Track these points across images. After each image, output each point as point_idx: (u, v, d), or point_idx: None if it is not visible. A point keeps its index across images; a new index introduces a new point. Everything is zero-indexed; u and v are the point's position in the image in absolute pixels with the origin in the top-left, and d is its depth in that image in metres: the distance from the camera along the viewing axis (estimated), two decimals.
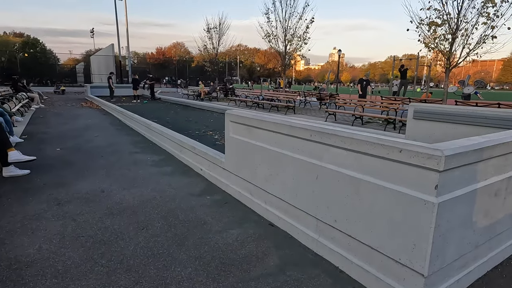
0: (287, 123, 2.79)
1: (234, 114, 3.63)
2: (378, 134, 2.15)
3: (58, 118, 10.12)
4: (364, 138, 2.12)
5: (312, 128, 2.54)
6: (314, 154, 2.56)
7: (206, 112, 13.26)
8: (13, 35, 71.77)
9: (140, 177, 4.43)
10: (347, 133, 2.25)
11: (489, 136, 2.26)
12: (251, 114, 3.35)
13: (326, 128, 2.44)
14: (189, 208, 3.44)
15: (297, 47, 15.54)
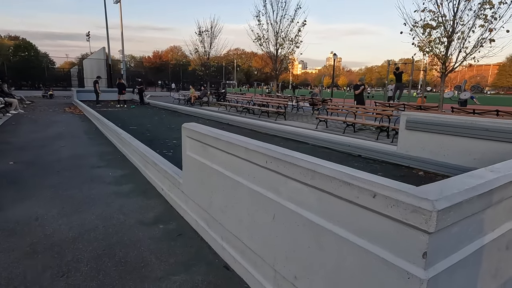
0: (243, 144, 2.22)
1: (190, 128, 3.05)
2: (348, 169, 1.58)
3: (31, 126, 9.50)
4: (329, 172, 1.55)
5: (268, 153, 1.96)
6: (271, 187, 1.99)
7: (192, 118, 12.67)
8: (8, 38, 71.08)
9: (90, 199, 3.83)
10: (309, 163, 1.68)
11: (498, 168, 1.69)
12: (206, 130, 2.78)
13: (285, 154, 1.87)
14: (133, 242, 2.85)
15: (288, 50, 15.03)
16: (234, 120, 10.56)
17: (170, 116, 13.20)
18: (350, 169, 1.57)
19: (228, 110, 16.25)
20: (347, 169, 1.58)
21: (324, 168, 1.58)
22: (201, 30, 20.10)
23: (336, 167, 1.60)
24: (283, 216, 1.88)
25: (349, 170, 1.54)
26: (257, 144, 2.12)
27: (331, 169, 1.55)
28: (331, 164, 1.68)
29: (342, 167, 1.63)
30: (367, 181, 1.38)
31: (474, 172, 1.57)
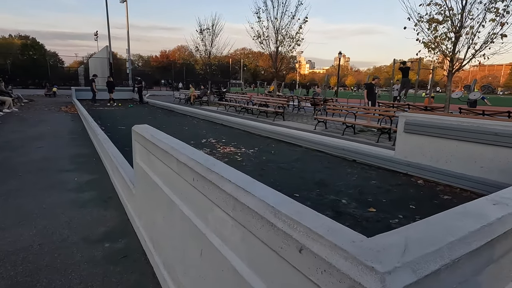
0: (175, 154, 1.74)
1: (137, 131, 2.58)
2: (278, 197, 1.09)
3: (17, 125, 9.19)
4: (251, 202, 1.06)
5: (195, 168, 1.48)
6: (200, 212, 1.51)
7: (187, 118, 12.26)
8: (19, 38, 71.91)
9: (40, 209, 3.40)
10: (233, 186, 1.19)
11: (507, 196, 1.17)
12: (149, 133, 2.30)
13: (211, 170, 1.38)
14: (65, 266, 2.40)
15: (289, 48, 14.49)
16: (228, 121, 10.09)
17: (165, 116, 12.80)
18: (281, 197, 1.09)
19: (227, 109, 15.80)
20: (278, 196, 1.10)
21: (247, 196, 1.10)
22: (202, 28, 19.71)
23: (266, 193, 1.11)
24: (209, 254, 1.40)
25: (278, 199, 1.06)
26: (188, 154, 1.64)
27: (254, 198, 1.07)
28: (263, 188, 1.19)
29: (274, 192, 1.14)
30: (295, 222, 0.89)
31: (468, 206, 1.07)
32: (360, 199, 3.93)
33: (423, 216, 3.42)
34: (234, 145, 6.99)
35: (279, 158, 5.90)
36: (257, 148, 6.77)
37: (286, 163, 5.53)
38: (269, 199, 1.05)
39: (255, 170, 5.09)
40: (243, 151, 6.39)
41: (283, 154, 6.33)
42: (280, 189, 4.04)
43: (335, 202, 3.80)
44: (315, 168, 5.31)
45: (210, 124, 10.51)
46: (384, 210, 3.59)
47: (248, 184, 1.18)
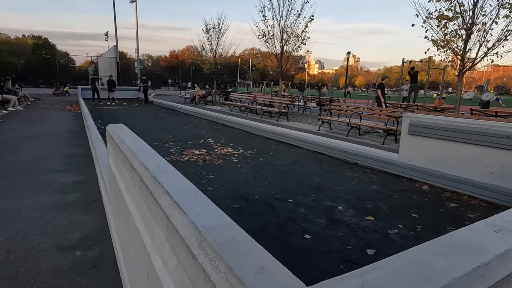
0: (130, 157, 1.53)
1: (109, 131, 2.39)
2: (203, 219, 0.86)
3: (17, 124, 9.16)
4: (181, 222, 0.84)
5: (143, 175, 1.26)
6: (147, 228, 1.29)
7: (189, 117, 12.11)
8: (32, 38, 73.17)
9: (18, 212, 3.25)
10: (168, 199, 0.97)
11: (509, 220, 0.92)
12: (116, 134, 2.10)
13: (155, 179, 1.16)
14: (28, 277, 2.22)
15: (294, 47, 14.21)
16: (229, 121, 9.89)
17: (167, 115, 12.68)
18: (218, 217, 0.86)
19: (231, 109, 15.61)
20: (215, 215, 0.87)
21: (179, 214, 0.88)
22: (208, 27, 19.59)
23: (201, 210, 0.89)
24: (152, 277, 1.18)
25: (213, 219, 0.84)
26: (141, 158, 1.42)
27: (185, 218, 0.84)
28: (202, 203, 0.97)
29: (213, 210, 0.92)
30: (218, 256, 0.67)
31: (459, 234, 0.82)
32: (358, 205, 3.66)
33: (426, 227, 3.12)
34: (232, 146, 6.78)
35: (277, 160, 5.66)
36: (256, 149, 6.54)
37: (283, 166, 5.29)
38: (202, 219, 0.83)
39: (250, 172, 4.86)
40: (240, 152, 6.17)
41: (282, 155, 6.08)
42: (274, 193, 3.82)
43: (331, 208, 3.54)
44: (314, 171, 5.05)
45: (212, 124, 10.33)
46: (383, 218, 3.32)
47: (184, 199, 0.96)
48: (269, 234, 2.90)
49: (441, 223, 3.24)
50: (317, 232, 2.96)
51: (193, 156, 5.75)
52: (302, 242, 2.76)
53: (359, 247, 2.70)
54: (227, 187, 4.14)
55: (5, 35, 61.07)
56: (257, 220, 3.20)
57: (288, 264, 0.66)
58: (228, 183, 4.33)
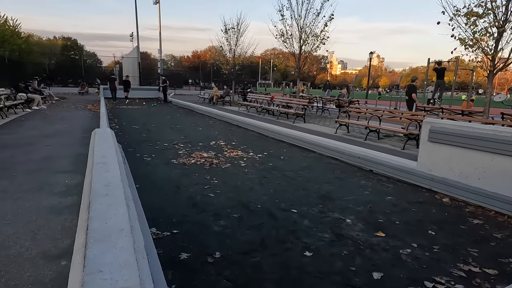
0: (89, 168, 1.36)
1: (92, 136, 2.24)
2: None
3: (37, 122, 9.41)
4: (74, 274, 0.64)
5: (85, 196, 1.08)
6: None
7: (205, 118, 12.05)
8: (62, 39, 76.39)
9: (13, 215, 3.20)
10: None
11: None
12: (93, 141, 1.94)
13: (90, 202, 0.97)
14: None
15: (313, 47, 13.83)
16: (243, 122, 9.72)
17: (182, 116, 12.70)
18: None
19: (248, 110, 15.45)
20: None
21: (78, 264, 0.68)
22: (227, 27, 19.54)
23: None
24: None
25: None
26: (97, 173, 1.24)
27: (78, 269, 0.64)
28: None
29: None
30: None
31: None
32: (369, 219, 3.36)
33: (444, 247, 2.74)
34: (243, 148, 6.59)
35: (287, 165, 5.42)
36: (267, 152, 6.32)
37: (293, 171, 5.04)
38: (96, 280, 0.62)
39: (257, 178, 4.65)
40: (250, 156, 5.97)
41: (293, 160, 5.83)
42: (278, 202, 3.59)
43: (338, 221, 3.27)
44: (324, 178, 4.77)
45: (226, 125, 10.20)
46: (396, 235, 3.01)
47: (99, 241, 0.76)
48: (265, 250, 2.67)
49: (462, 243, 2.90)
50: (320, 249, 2.71)
51: (201, 158, 5.60)
52: (301, 261, 2.52)
53: (364, 269, 2.42)
54: (229, 193, 3.95)
55: (38, 36, 64.02)
56: (256, 232, 2.98)
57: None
58: (232, 189, 4.14)
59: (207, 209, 3.47)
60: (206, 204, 3.60)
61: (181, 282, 2.21)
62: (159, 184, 4.27)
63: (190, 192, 3.96)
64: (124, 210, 0.96)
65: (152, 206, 3.52)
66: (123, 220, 0.90)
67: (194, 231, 2.97)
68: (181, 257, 2.52)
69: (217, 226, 3.09)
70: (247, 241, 2.82)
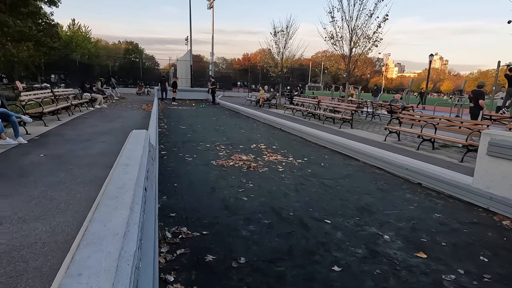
0: (113, 167, 1.42)
1: (129, 136, 2.37)
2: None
3: (97, 120, 10.31)
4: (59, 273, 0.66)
5: (101, 193, 1.13)
6: None
7: (249, 120, 12.18)
8: (125, 44, 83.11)
9: (66, 205, 3.52)
10: None
11: None
12: (127, 140, 2.05)
13: (99, 201, 1.01)
14: (48, 273, 2.33)
15: (365, 49, 13.24)
16: (286, 126, 9.63)
17: (228, 118, 12.98)
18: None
19: (293, 114, 15.31)
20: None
21: (66, 263, 0.69)
22: (276, 30, 19.59)
23: None
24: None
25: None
26: (116, 174, 1.30)
27: (63, 268, 0.66)
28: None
29: None
30: None
31: None
32: (410, 237, 3.09)
33: (497, 277, 2.44)
34: (283, 153, 6.52)
35: (326, 172, 5.23)
36: (307, 158, 6.18)
37: (332, 179, 4.85)
38: (73, 282, 0.63)
39: (293, 184, 4.55)
40: (289, 161, 5.88)
41: (333, 167, 5.62)
42: (311, 211, 3.48)
43: (374, 237, 3.05)
44: (365, 188, 4.51)
45: (269, 128, 10.20)
46: (440, 258, 2.72)
47: (91, 244, 0.77)
48: (292, 260, 2.59)
49: None
50: (350, 264, 2.55)
51: (240, 161, 5.66)
52: (328, 276, 2.39)
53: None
54: (263, 198, 3.92)
55: (105, 41, 70.37)
56: (284, 240, 2.90)
57: None
58: (266, 194, 4.10)
59: (238, 213, 3.48)
60: (238, 208, 3.61)
61: (203, 284, 2.23)
62: (196, 184, 4.39)
63: (224, 194, 4.01)
64: (126, 214, 0.98)
65: (186, 206, 3.63)
66: (121, 224, 0.91)
67: (223, 234, 2.99)
68: (207, 259, 2.54)
69: (246, 230, 3.07)
70: (274, 249, 2.76)
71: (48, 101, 10.98)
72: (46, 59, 31.78)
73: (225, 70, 76.88)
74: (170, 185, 4.34)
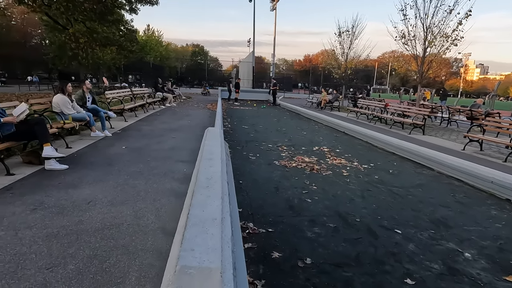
0: (198, 161, 1.55)
1: (205, 133, 2.54)
2: None
3: (167, 117, 11.15)
4: (172, 250, 0.75)
5: (191, 184, 1.24)
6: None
7: (310, 122, 12.03)
8: (192, 46, 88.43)
9: (145, 192, 3.88)
10: None
11: None
12: (205, 136, 2.19)
13: (194, 190, 1.11)
14: (134, 251, 2.60)
15: (442, 49, 12.14)
16: (351, 129, 9.30)
17: (288, 119, 12.99)
18: None
19: (357, 117, 14.71)
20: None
21: (176, 241, 0.78)
22: (340, 30, 19.05)
23: None
24: None
25: None
26: (202, 166, 1.41)
27: (176, 244, 0.74)
28: None
29: None
30: None
31: None
32: (497, 257, 2.77)
33: None
34: (347, 157, 6.32)
35: (395, 180, 4.94)
36: (373, 164, 5.90)
37: (402, 188, 4.56)
38: (188, 256, 0.71)
39: (359, 190, 4.39)
40: (354, 166, 5.68)
41: (403, 175, 5.28)
42: (380, 219, 3.35)
43: (453, 253, 2.80)
44: (441, 200, 4.15)
45: (331, 131, 9.96)
46: None
47: (195, 225, 0.86)
48: (360, 267, 2.51)
49: None
50: (425, 279, 2.38)
51: (302, 163, 5.64)
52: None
53: None
54: (327, 202, 3.86)
55: (175, 44, 75.65)
56: (351, 246, 2.83)
57: None
58: (331, 198, 4.02)
59: (302, 214, 3.48)
60: (303, 209, 3.61)
61: (270, 279, 2.29)
62: (260, 183, 4.50)
63: (288, 195, 4.04)
64: (219, 202, 1.06)
65: (252, 203, 3.74)
66: (216, 211, 1.00)
67: (288, 233, 3.02)
68: (273, 255, 2.60)
69: (311, 232, 3.06)
70: (340, 254, 2.71)
71: (127, 99, 12.24)
72: (126, 61, 35.38)
73: (286, 71, 77.09)
74: (235, 182, 4.51)
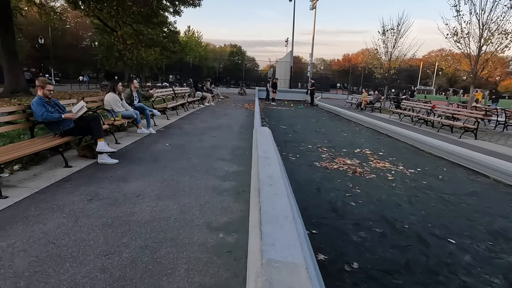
0: (255, 161, 1.57)
1: (254, 134, 2.56)
2: None
3: (207, 116, 11.43)
4: (252, 246, 0.76)
5: (254, 182, 1.25)
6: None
7: (350, 124, 11.69)
8: (230, 47, 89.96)
9: (189, 188, 4.02)
10: None
11: None
12: (255, 137, 2.21)
13: (260, 188, 1.12)
14: (182, 244, 2.70)
15: (500, 47, 11.19)
16: (394, 131, 8.89)
17: (327, 120, 12.73)
18: None
19: (401, 119, 14.05)
20: None
21: (254, 236, 0.79)
22: (385, 29, 18.28)
23: None
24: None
25: None
26: (261, 165, 1.42)
27: (256, 239, 0.75)
28: None
29: None
30: None
31: None
32: None
33: None
34: (391, 160, 6.06)
35: (446, 187, 4.65)
36: (421, 169, 5.60)
37: (454, 195, 4.28)
38: (271, 250, 0.71)
39: (406, 195, 4.19)
40: (399, 170, 5.43)
41: (455, 182, 4.95)
42: (431, 227, 3.19)
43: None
44: (500, 210, 3.84)
45: (373, 133, 9.61)
46: None
47: (269, 222, 0.86)
48: (410, 275, 2.39)
49: None
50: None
51: (344, 165, 5.49)
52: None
53: None
54: (372, 206, 3.72)
55: (213, 45, 77.41)
56: (400, 253, 2.70)
57: None
58: (376, 202, 3.88)
59: (347, 217, 3.39)
60: (346, 212, 3.52)
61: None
62: (302, 184, 4.45)
63: (330, 197, 3.96)
64: (286, 200, 1.06)
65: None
66: (286, 208, 1.00)
67: (333, 236, 2.96)
68: (319, 257, 2.55)
69: (357, 236, 2.97)
70: (389, 260, 2.60)
71: (169, 98, 12.74)
72: (167, 62, 36.86)
73: (324, 71, 75.67)
74: None
